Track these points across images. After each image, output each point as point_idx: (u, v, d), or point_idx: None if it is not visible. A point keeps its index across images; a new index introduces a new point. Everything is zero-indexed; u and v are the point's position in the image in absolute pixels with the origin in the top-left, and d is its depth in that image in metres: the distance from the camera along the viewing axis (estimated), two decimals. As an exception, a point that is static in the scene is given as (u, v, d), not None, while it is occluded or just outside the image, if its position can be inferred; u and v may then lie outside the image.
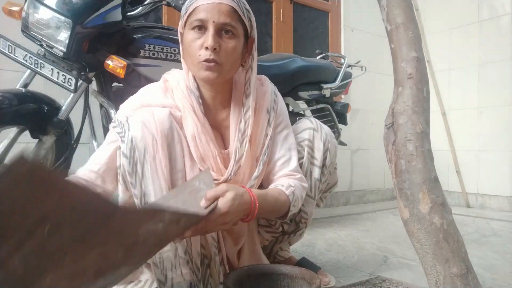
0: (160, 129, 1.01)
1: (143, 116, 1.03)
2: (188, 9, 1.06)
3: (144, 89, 1.17)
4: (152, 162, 1.00)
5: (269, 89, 1.20)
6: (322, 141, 1.21)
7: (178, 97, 1.11)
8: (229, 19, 1.04)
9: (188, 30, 1.06)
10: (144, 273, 1.19)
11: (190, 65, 1.09)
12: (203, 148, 1.09)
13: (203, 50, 1.04)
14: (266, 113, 1.15)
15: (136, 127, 1.01)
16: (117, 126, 1.06)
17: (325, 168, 1.24)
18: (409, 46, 1.12)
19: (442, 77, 3.72)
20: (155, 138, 1.01)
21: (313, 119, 1.27)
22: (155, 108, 1.06)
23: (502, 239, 2.21)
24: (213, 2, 1.03)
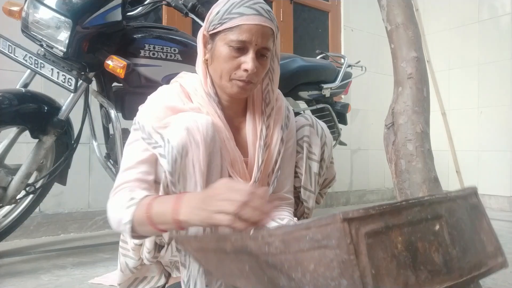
0: (204, 138, 0.98)
1: (187, 122, 0.99)
2: (225, 22, 1.01)
3: (162, 92, 1.11)
4: (191, 169, 0.98)
5: (284, 104, 1.20)
6: (318, 136, 1.22)
7: (199, 103, 1.09)
8: (268, 43, 1.04)
9: (223, 44, 1.02)
10: (150, 270, 1.19)
11: (217, 77, 1.07)
12: (232, 152, 1.08)
13: (240, 70, 1.03)
14: (280, 129, 1.15)
15: (181, 132, 0.97)
16: (143, 133, 1.02)
17: (323, 162, 1.24)
18: (409, 46, 1.12)
19: (442, 77, 3.72)
20: (199, 146, 0.98)
21: (308, 116, 1.28)
22: (197, 114, 1.03)
23: (502, 239, 2.19)
24: (257, 23, 1.00)
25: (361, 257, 0.54)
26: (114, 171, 1.72)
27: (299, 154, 1.21)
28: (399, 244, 0.59)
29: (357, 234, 0.54)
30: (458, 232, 0.70)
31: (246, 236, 0.64)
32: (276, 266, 0.61)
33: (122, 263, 1.16)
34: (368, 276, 0.53)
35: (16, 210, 1.75)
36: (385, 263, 0.56)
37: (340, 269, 0.53)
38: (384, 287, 0.55)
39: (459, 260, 0.68)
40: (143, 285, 1.20)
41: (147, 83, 1.58)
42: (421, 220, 0.64)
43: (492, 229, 0.81)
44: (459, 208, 0.74)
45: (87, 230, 2.24)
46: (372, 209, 0.57)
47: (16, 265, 1.62)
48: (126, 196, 0.95)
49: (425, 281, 0.60)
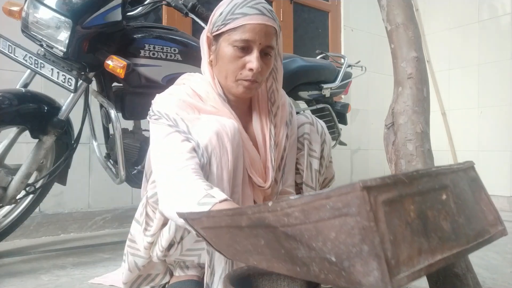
0: (231, 143, 0.99)
1: (215, 126, 0.99)
2: (229, 22, 1.02)
3: (174, 91, 1.09)
4: (220, 173, 0.98)
5: (287, 100, 1.22)
6: (318, 134, 1.24)
7: (212, 105, 1.09)
8: (272, 41, 1.05)
9: (228, 44, 1.04)
10: (155, 268, 1.19)
11: (223, 78, 1.08)
12: (252, 153, 1.10)
13: (245, 70, 1.04)
14: (285, 126, 1.17)
15: (211, 136, 0.97)
16: (168, 120, 1.00)
17: (323, 160, 1.26)
18: (409, 46, 1.12)
19: (442, 77, 3.72)
20: (227, 151, 0.98)
21: (308, 114, 1.29)
22: (223, 118, 1.03)
23: (502, 239, 2.19)
24: (260, 23, 1.01)
25: (380, 224, 0.55)
26: (114, 171, 1.72)
27: (301, 151, 1.23)
28: (411, 212, 0.61)
29: (376, 202, 0.56)
30: (462, 202, 0.73)
31: (265, 208, 0.65)
32: (295, 237, 0.61)
33: (131, 263, 1.16)
34: (387, 242, 0.55)
35: (16, 210, 1.75)
36: (401, 230, 0.58)
37: (361, 235, 0.55)
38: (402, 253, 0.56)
39: (465, 227, 0.71)
40: (147, 282, 1.21)
41: (147, 83, 1.58)
42: (430, 190, 0.67)
43: (490, 200, 0.85)
44: (461, 180, 0.77)
45: (87, 230, 2.24)
46: (387, 178, 0.59)
47: (16, 265, 1.63)
48: (199, 188, 0.89)
49: (437, 247, 0.63)
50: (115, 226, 2.32)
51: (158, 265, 1.19)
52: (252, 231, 0.69)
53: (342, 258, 0.56)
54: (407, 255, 0.57)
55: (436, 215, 0.65)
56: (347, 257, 0.56)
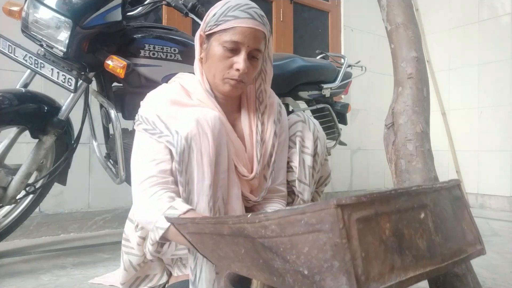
0: (212, 130, 1.03)
1: (196, 114, 1.04)
2: (221, 23, 1.07)
3: (163, 89, 1.16)
4: (199, 159, 1.01)
5: (276, 100, 1.26)
6: (311, 131, 1.26)
7: (199, 99, 1.14)
8: (260, 45, 1.10)
9: (218, 44, 1.08)
10: (152, 268, 1.20)
11: (211, 76, 1.13)
12: (236, 143, 1.14)
13: (232, 70, 1.09)
14: (273, 123, 1.20)
15: (191, 124, 1.02)
16: (147, 124, 1.07)
17: (317, 157, 1.27)
18: (409, 46, 1.12)
19: (442, 77, 3.72)
20: (208, 137, 1.02)
21: (300, 113, 1.31)
22: (204, 109, 1.08)
23: (502, 239, 2.21)
24: (250, 27, 1.06)
25: (352, 241, 0.57)
26: (114, 171, 1.72)
27: (292, 149, 1.25)
28: (387, 230, 0.63)
29: (349, 219, 0.58)
30: (441, 221, 0.75)
31: (244, 219, 0.67)
32: (271, 248, 0.64)
33: (126, 262, 1.17)
34: (358, 258, 0.57)
35: (16, 210, 1.75)
36: (374, 247, 0.60)
37: (333, 251, 0.57)
38: (373, 269, 0.58)
39: (441, 246, 0.72)
40: (145, 283, 1.21)
41: (147, 83, 1.58)
42: (408, 208, 0.68)
43: (472, 220, 0.86)
44: (443, 199, 0.78)
45: (87, 230, 2.24)
46: (363, 197, 0.61)
47: (16, 265, 1.63)
48: (164, 201, 0.98)
49: (410, 265, 0.64)
50: (115, 226, 2.32)
51: (155, 265, 1.19)
52: (233, 240, 0.71)
53: (313, 272, 0.58)
54: (378, 272, 0.58)
55: (412, 234, 0.67)
56: (318, 271, 0.58)
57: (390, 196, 0.65)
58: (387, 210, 0.64)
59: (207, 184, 1.02)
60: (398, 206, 0.65)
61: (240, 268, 0.73)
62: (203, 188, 1.02)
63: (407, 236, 0.66)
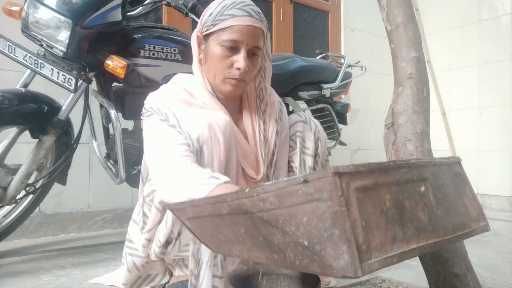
0: (223, 134, 1.02)
1: (207, 118, 1.02)
2: (218, 23, 1.06)
3: (168, 89, 1.13)
4: (210, 163, 1.00)
5: (276, 99, 1.26)
6: (312, 132, 1.25)
7: (203, 101, 1.12)
8: (259, 42, 1.09)
9: (216, 44, 1.07)
10: (154, 268, 1.20)
11: (211, 76, 1.12)
12: (244, 146, 1.13)
13: (233, 69, 1.08)
14: (275, 122, 1.20)
15: (202, 127, 1.00)
16: (160, 115, 1.03)
17: (318, 157, 1.27)
18: (409, 46, 1.12)
19: (442, 77, 3.72)
20: (219, 142, 1.01)
21: (301, 113, 1.31)
22: (214, 112, 1.07)
23: (502, 239, 2.21)
24: (248, 24, 1.05)
25: (352, 209, 0.56)
26: (114, 171, 1.72)
27: (293, 149, 1.24)
28: (387, 201, 0.62)
29: (348, 187, 0.57)
30: (443, 195, 0.74)
31: (242, 194, 0.66)
32: (271, 221, 0.63)
33: (129, 263, 1.16)
34: (359, 227, 0.56)
35: (16, 210, 1.75)
36: (375, 217, 0.59)
37: (332, 219, 0.56)
38: (374, 239, 0.57)
39: (443, 219, 0.71)
40: (147, 283, 1.21)
41: (147, 83, 1.58)
42: (408, 180, 0.67)
43: (475, 196, 0.85)
44: (443, 174, 0.78)
45: (87, 230, 2.24)
46: (361, 166, 0.60)
47: (16, 265, 1.63)
48: (201, 172, 0.91)
49: (412, 237, 0.63)
50: (115, 226, 2.32)
51: (157, 265, 1.19)
52: (232, 219, 0.70)
53: (314, 242, 0.57)
54: (380, 242, 0.57)
55: (413, 206, 0.66)
56: (318, 241, 0.57)
57: (389, 167, 0.64)
58: (387, 181, 0.63)
59: None
60: (397, 178, 0.65)
61: (241, 251, 0.72)
62: None
63: (408, 208, 0.65)
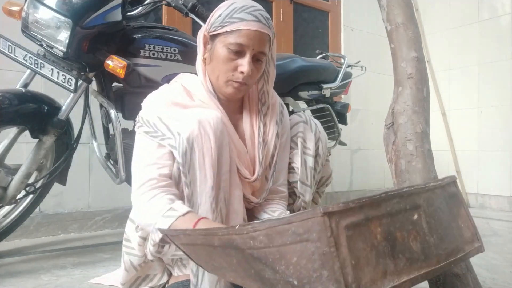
0: (214, 131, 1.02)
1: (198, 115, 1.03)
2: (226, 25, 1.06)
3: (164, 90, 1.15)
4: (201, 160, 1.01)
5: (278, 101, 1.26)
6: (312, 132, 1.26)
7: (201, 100, 1.13)
8: (265, 48, 1.09)
9: (222, 46, 1.07)
10: (153, 268, 1.19)
11: (215, 77, 1.12)
12: (238, 145, 1.14)
13: (237, 72, 1.08)
14: (275, 124, 1.20)
15: (192, 125, 1.01)
16: (148, 127, 1.06)
17: (319, 157, 1.27)
18: (409, 46, 1.12)
19: (442, 77, 3.72)
20: (209, 138, 1.02)
21: (302, 113, 1.31)
22: (206, 109, 1.08)
23: (502, 239, 2.21)
24: (256, 29, 1.06)
25: (341, 249, 0.56)
26: (114, 171, 1.72)
27: (294, 150, 1.25)
28: (378, 234, 0.62)
29: (337, 227, 0.57)
30: (436, 221, 0.73)
31: (232, 231, 0.67)
32: (261, 259, 0.63)
33: (127, 262, 1.17)
34: (348, 266, 0.56)
35: (16, 210, 1.75)
36: (365, 253, 0.59)
37: (321, 261, 0.56)
38: (364, 276, 0.57)
39: (436, 247, 0.71)
40: (146, 283, 1.21)
41: (147, 83, 1.58)
42: (400, 210, 0.67)
43: (469, 216, 0.84)
44: (437, 198, 0.77)
45: (87, 230, 2.24)
46: (351, 203, 0.59)
47: (16, 265, 1.62)
48: (163, 203, 0.99)
49: (404, 269, 0.63)
50: (115, 226, 2.32)
51: (155, 265, 1.19)
52: (224, 250, 0.70)
53: (303, 283, 0.57)
54: (370, 278, 0.57)
55: (405, 236, 0.66)
56: (308, 281, 0.57)
57: (380, 200, 0.64)
58: (378, 214, 0.62)
59: (209, 185, 1.01)
60: (389, 209, 0.64)
61: (235, 278, 0.73)
62: (206, 189, 1.01)
63: (400, 239, 0.65)
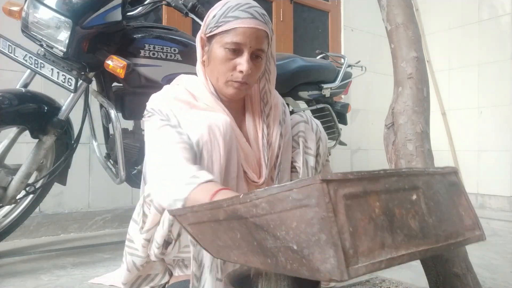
0: (224, 136, 1.02)
1: (207, 120, 1.02)
2: (221, 25, 1.05)
3: (169, 89, 1.13)
4: (210, 167, 0.99)
5: (280, 100, 1.25)
6: (313, 132, 1.26)
7: (206, 103, 1.12)
8: (263, 45, 1.08)
9: (219, 46, 1.07)
10: (154, 268, 1.20)
11: (214, 79, 1.11)
12: (246, 148, 1.13)
13: (236, 72, 1.07)
14: (279, 125, 1.20)
15: (202, 129, 1.00)
16: (161, 115, 1.04)
17: (319, 157, 1.27)
18: (409, 46, 1.12)
19: (442, 77, 3.72)
20: (219, 144, 1.01)
21: (303, 113, 1.31)
22: (214, 113, 1.06)
23: (502, 239, 2.21)
24: (252, 27, 1.04)
25: (339, 215, 0.58)
26: (114, 171, 1.72)
27: (296, 150, 1.24)
28: (376, 208, 0.63)
29: (336, 194, 0.59)
30: (435, 203, 0.75)
31: (237, 200, 0.69)
32: (263, 226, 0.65)
33: (129, 262, 1.16)
34: (346, 232, 0.57)
35: (16, 210, 1.75)
36: (363, 224, 0.60)
37: (320, 225, 0.58)
38: (362, 244, 0.59)
39: (435, 227, 0.72)
40: (147, 283, 1.21)
41: (147, 83, 1.58)
42: (399, 189, 0.68)
43: (470, 205, 0.85)
44: (437, 183, 0.78)
45: (87, 230, 2.24)
46: (350, 174, 0.62)
47: (16, 265, 1.63)
48: (187, 171, 0.92)
49: (402, 243, 0.64)
50: (115, 226, 2.32)
51: (157, 265, 1.19)
52: (229, 224, 0.72)
53: (302, 247, 0.59)
54: (367, 247, 0.59)
55: (403, 214, 0.67)
56: (307, 245, 0.59)
57: (379, 176, 0.65)
58: (376, 189, 0.64)
59: None
60: (388, 186, 0.66)
61: (238, 256, 0.74)
62: None
63: (398, 216, 0.66)
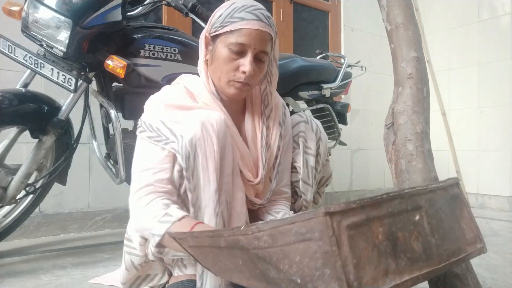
0: (217, 133, 1.02)
1: (200, 117, 1.03)
2: (227, 25, 1.06)
3: (167, 91, 1.14)
4: (205, 164, 1.00)
5: (280, 101, 1.25)
6: (313, 132, 1.26)
7: (204, 102, 1.12)
8: (266, 47, 1.08)
9: (223, 46, 1.07)
10: (153, 268, 1.20)
11: (217, 78, 1.11)
12: (242, 147, 1.13)
13: (238, 72, 1.07)
14: (278, 126, 1.20)
15: (195, 127, 1.01)
16: (151, 132, 1.05)
17: (319, 157, 1.28)
18: (409, 46, 1.12)
19: (442, 77, 3.72)
20: (212, 140, 1.01)
21: (303, 113, 1.31)
22: (208, 111, 1.07)
23: (502, 239, 2.21)
24: (257, 28, 1.05)
25: (343, 248, 0.57)
26: (114, 171, 1.72)
27: (296, 150, 1.25)
28: (379, 234, 0.63)
29: (339, 226, 0.58)
30: (438, 221, 0.74)
31: (238, 231, 0.68)
32: (265, 259, 0.65)
33: (127, 262, 1.16)
34: (349, 265, 0.57)
35: (16, 210, 1.75)
36: (367, 253, 0.60)
37: (323, 259, 0.57)
38: (366, 274, 0.58)
39: (437, 247, 0.72)
40: (146, 283, 1.21)
41: (147, 83, 1.58)
42: (402, 211, 0.68)
43: (472, 218, 0.85)
44: (439, 199, 0.78)
45: (87, 230, 2.24)
46: (353, 203, 0.61)
47: (16, 265, 1.63)
48: (159, 208, 0.97)
49: (405, 268, 0.64)
50: (115, 226, 2.32)
51: (156, 265, 1.19)
52: (230, 252, 0.72)
53: (306, 281, 0.59)
54: (372, 277, 0.59)
55: (407, 236, 0.67)
56: (310, 279, 0.58)
57: (382, 200, 0.65)
58: (379, 214, 0.64)
59: (213, 189, 1.01)
60: (391, 210, 0.65)
61: (241, 279, 0.74)
62: (210, 193, 1.01)
63: (402, 239, 0.66)
